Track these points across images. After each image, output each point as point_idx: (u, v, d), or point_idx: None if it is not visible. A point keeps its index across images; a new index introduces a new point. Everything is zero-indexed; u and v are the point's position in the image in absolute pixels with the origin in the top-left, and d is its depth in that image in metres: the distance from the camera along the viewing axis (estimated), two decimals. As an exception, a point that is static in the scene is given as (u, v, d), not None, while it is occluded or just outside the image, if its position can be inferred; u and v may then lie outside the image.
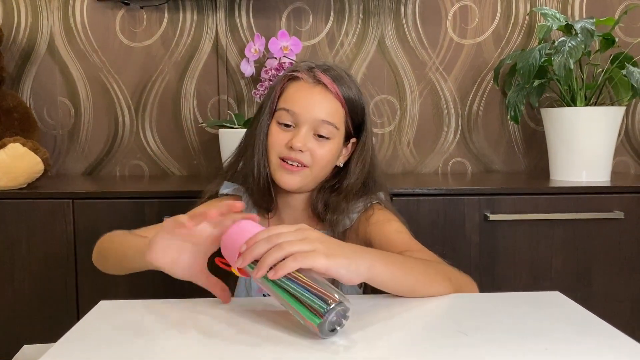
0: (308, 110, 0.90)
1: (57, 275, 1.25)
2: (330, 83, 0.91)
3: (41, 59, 1.62)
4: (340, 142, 0.94)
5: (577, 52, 1.25)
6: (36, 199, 1.25)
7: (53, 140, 1.64)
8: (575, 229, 1.26)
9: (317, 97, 0.91)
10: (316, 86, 0.91)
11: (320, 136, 0.91)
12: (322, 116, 0.90)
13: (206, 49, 1.61)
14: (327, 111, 0.91)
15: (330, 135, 0.91)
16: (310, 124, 0.90)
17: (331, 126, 0.90)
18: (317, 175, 0.93)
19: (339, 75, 0.93)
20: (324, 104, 0.91)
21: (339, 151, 0.94)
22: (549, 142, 1.43)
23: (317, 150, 0.91)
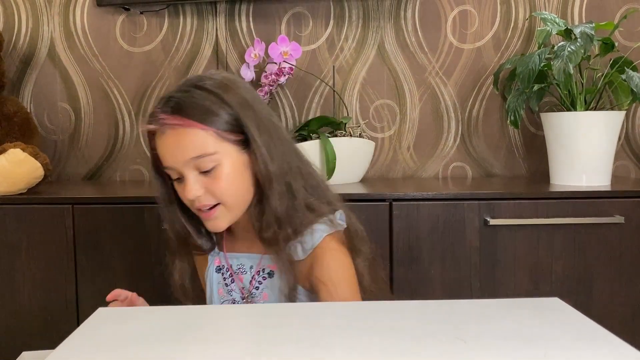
0: (174, 158, 0.83)
1: (56, 281, 1.25)
2: (172, 118, 0.82)
3: (42, 65, 1.62)
4: (233, 158, 0.84)
5: (576, 56, 1.25)
6: (36, 204, 1.25)
7: (53, 145, 1.64)
8: (575, 233, 1.26)
9: (172, 141, 0.82)
10: (166, 130, 0.83)
11: (206, 171, 0.83)
12: (188, 155, 0.82)
13: (206, 54, 1.62)
14: (189, 147, 0.81)
15: (214, 162, 0.82)
16: (186, 168, 0.83)
17: (204, 157, 0.82)
18: (233, 204, 0.85)
19: (180, 99, 0.83)
20: (181, 142, 0.82)
21: (239, 168, 0.84)
22: (548, 147, 1.43)
23: (212, 187, 0.83)
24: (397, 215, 1.24)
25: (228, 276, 0.95)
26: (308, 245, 0.86)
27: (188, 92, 0.84)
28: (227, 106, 0.83)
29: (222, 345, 0.54)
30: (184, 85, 0.86)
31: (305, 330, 0.59)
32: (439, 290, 1.25)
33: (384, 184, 1.47)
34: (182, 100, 0.83)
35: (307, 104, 1.63)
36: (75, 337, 0.57)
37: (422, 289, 1.25)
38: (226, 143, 0.83)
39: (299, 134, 1.46)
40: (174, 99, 0.84)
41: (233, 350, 0.53)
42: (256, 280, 0.92)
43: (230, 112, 0.83)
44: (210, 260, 0.97)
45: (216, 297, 0.95)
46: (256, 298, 0.92)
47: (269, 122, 0.87)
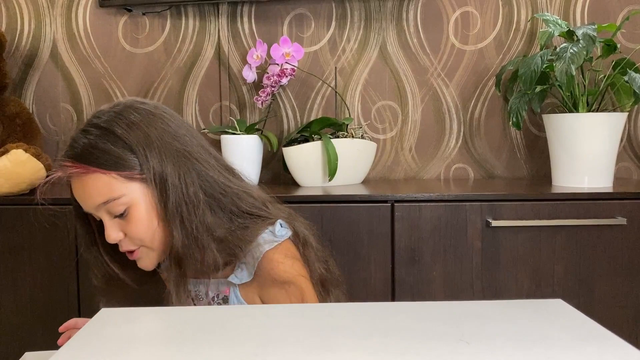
0: (86, 204, 0.83)
1: (58, 282, 1.25)
2: (74, 165, 0.81)
3: (44, 65, 1.63)
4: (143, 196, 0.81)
5: (578, 58, 1.25)
6: (38, 205, 1.25)
7: (55, 146, 1.64)
8: (577, 235, 1.26)
9: (79, 187, 0.82)
10: (73, 177, 0.83)
11: (118, 215, 0.82)
12: (96, 202, 0.81)
13: (208, 55, 1.62)
14: (94, 193, 0.81)
15: (124, 205, 0.81)
16: (101, 213, 0.82)
17: (111, 202, 0.80)
18: (154, 244, 0.84)
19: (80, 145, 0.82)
20: (87, 188, 0.81)
21: (152, 204, 0.82)
22: (550, 148, 1.43)
23: (127, 230, 0.82)
24: (399, 216, 1.24)
25: (190, 302, 0.92)
26: (250, 265, 0.84)
27: (88, 133, 0.82)
28: (126, 146, 0.81)
29: (227, 346, 0.54)
30: (87, 124, 0.84)
31: (306, 331, 0.59)
32: (441, 291, 1.25)
33: (386, 185, 1.47)
34: (82, 145, 0.82)
35: (309, 105, 1.63)
36: (79, 338, 0.57)
37: (424, 290, 1.25)
38: (133, 183, 0.81)
39: (300, 135, 1.46)
40: (76, 144, 0.83)
41: (237, 350, 0.53)
42: (215, 302, 0.90)
43: (129, 152, 0.81)
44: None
45: None
46: None
47: (176, 151, 0.83)
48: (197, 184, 0.83)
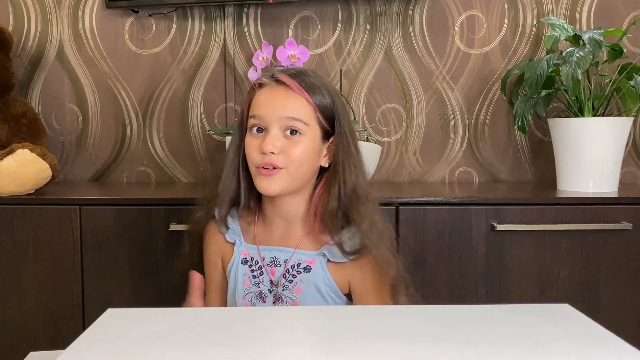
0: (272, 111, 0.90)
1: (63, 282, 1.25)
2: (290, 81, 0.91)
3: (50, 66, 1.63)
4: (315, 138, 0.92)
5: (585, 62, 1.25)
6: (43, 204, 1.25)
7: (61, 146, 1.64)
8: (582, 240, 1.25)
9: (280, 97, 0.91)
10: (277, 86, 0.91)
11: (292, 133, 0.90)
12: (287, 113, 0.90)
13: (214, 56, 1.62)
14: (292, 107, 0.90)
15: (301, 130, 0.90)
16: (277, 124, 0.90)
17: (299, 122, 0.90)
18: (295, 175, 0.91)
19: (300, 71, 0.94)
20: (287, 101, 0.90)
21: (316, 149, 0.93)
22: (556, 153, 1.43)
23: (289, 149, 0.90)
24: (403, 219, 1.24)
25: (257, 268, 0.96)
26: (350, 249, 0.91)
27: (304, 71, 0.95)
28: (330, 96, 0.93)
29: (232, 346, 0.54)
30: (299, 67, 0.98)
31: (314, 334, 0.59)
32: (445, 295, 1.25)
33: (390, 188, 1.47)
34: (302, 73, 0.93)
35: (314, 108, 1.63)
36: (85, 338, 0.57)
37: (428, 293, 1.25)
38: (316, 124, 0.92)
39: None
40: (294, 71, 0.94)
41: (241, 352, 0.53)
42: (290, 274, 0.94)
43: (331, 102, 0.93)
44: (236, 252, 0.98)
45: (240, 289, 0.96)
46: (287, 291, 0.94)
47: (349, 123, 0.96)
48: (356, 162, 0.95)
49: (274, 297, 0.95)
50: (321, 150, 0.94)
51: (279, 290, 0.94)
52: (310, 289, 0.93)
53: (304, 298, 0.93)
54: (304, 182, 0.93)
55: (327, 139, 0.94)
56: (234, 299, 0.97)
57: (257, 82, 0.94)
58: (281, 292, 0.94)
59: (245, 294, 0.96)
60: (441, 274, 1.25)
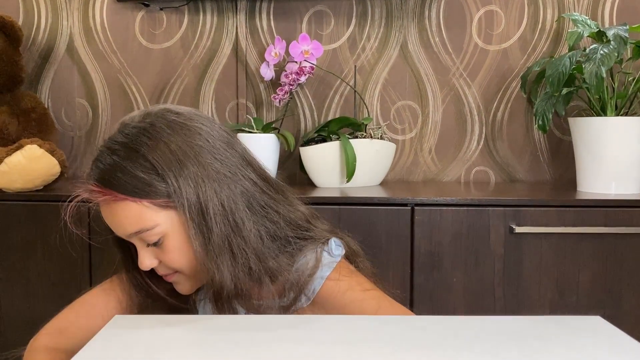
0: (118, 231, 0.76)
1: (71, 280, 1.23)
2: (102, 190, 0.73)
3: (60, 60, 1.61)
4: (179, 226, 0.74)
5: (609, 60, 1.20)
6: (52, 201, 1.23)
7: (70, 141, 1.63)
8: (603, 243, 1.21)
9: (108, 214, 0.75)
10: (102, 203, 0.75)
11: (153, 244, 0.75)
12: (128, 230, 0.74)
13: (226, 51, 1.59)
14: (126, 221, 0.73)
15: (157, 235, 0.73)
16: (134, 241, 0.76)
17: (145, 232, 0.73)
18: (194, 272, 0.77)
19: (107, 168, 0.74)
20: (117, 216, 0.73)
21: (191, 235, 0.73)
22: (576, 153, 1.38)
23: (164, 258, 0.76)
24: (419, 220, 1.21)
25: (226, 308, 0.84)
26: (309, 292, 0.77)
27: (116, 154, 0.73)
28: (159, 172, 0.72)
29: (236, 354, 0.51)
30: (114, 140, 0.75)
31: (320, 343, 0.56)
32: (461, 298, 1.21)
33: (405, 187, 1.44)
34: (109, 168, 0.73)
35: (327, 104, 1.60)
36: (92, 346, 0.54)
37: (443, 297, 1.21)
38: (168, 210, 0.73)
39: (318, 134, 1.43)
40: (101, 165, 0.74)
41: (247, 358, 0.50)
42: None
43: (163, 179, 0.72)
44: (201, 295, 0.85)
45: None
46: None
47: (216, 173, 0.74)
48: (243, 210, 0.74)
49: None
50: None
51: None
52: None
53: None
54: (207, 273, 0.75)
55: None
56: None
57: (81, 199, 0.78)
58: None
59: None
60: (457, 277, 1.22)
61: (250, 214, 0.75)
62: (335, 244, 0.81)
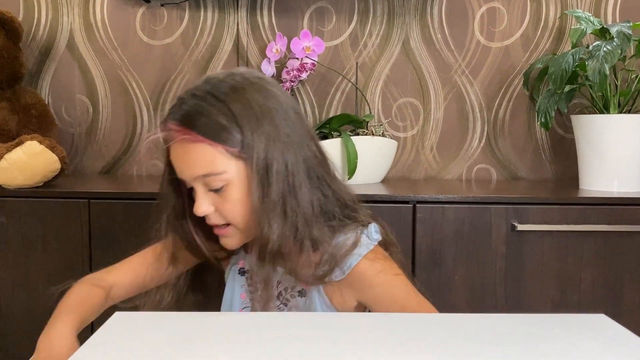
0: (184, 173, 0.77)
1: (71, 277, 1.22)
2: (181, 130, 0.75)
3: (60, 56, 1.60)
4: (244, 178, 0.76)
5: (613, 57, 1.20)
6: (52, 198, 1.23)
7: (71, 138, 1.62)
8: (606, 241, 1.21)
9: (181, 153, 0.77)
10: (175, 142, 0.76)
11: (215, 190, 0.77)
12: (196, 173, 0.76)
13: (227, 48, 1.59)
14: (197, 163, 0.75)
15: (223, 182, 0.76)
16: (197, 184, 0.77)
17: (211, 177, 0.75)
18: (245, 227, 0.78)
19: (191, 109, 0.76)
20: (190, 156, 0.76)
21: (252, 187, 0.76)
22: (579, 150, 1.38)
23: (221, 208, 0.77)
24: (420, 217, 1.20)
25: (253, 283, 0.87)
26: (345, 266, 0.79)
27: (201, 99, 0.76)
28: (238, 122, 0.75)
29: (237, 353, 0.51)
30: (199, 89, 0.78)
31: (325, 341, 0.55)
32: (462, 296, 1.21)
33: (406, 184, 1.43)
34: (192, 110, 0.76)
35: (329, 101, 1.59)
36: (92, 344, 0.54)
37: (445, 294, 1.21)
38: (237, 161, 0.76)
39: (319, 131, 1.43)
40: (185, 106, 0.77)
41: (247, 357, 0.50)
42: (283, 297, 0.85)
43: (238, 129, 0.75)
44: (233, 260, 0.91)
45: (237, 302, 0.90)
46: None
47: (286, 137, 0.77)
48: (302, 176, 0.77)
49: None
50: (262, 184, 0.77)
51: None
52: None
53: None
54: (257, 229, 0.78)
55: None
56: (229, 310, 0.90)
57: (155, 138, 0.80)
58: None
59: (242, 307, 0.89)
60: (459, 275, 1.21)
61: (308, 181, 0.78)
62: (374, 229, 0.83)
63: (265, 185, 0.75)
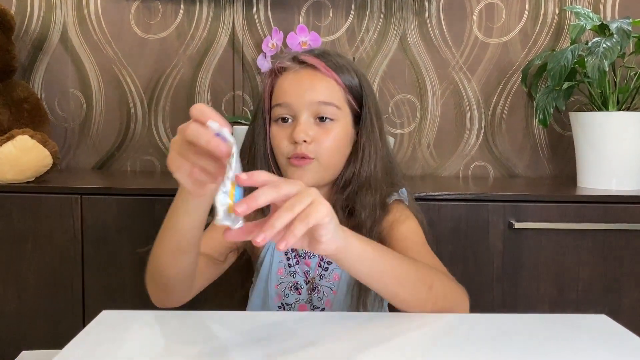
0: (300, 96, 0.84)
1: (63, 274, 1.21)
2: (317, 61, 0.85)
3: (53, 50, 1.58)
4: (347, 124, 0.87)
5: (612, 53, 1.18)
6: (44, 193, 1.21)
7: (64, 132, 1.60)
8: (604, 240, 1.20)
9: (307, 80, 0.85)
10: (303, 69, 0.85)
11: (321, 120, 0.84)
12: (317, 98, 0.84)
13: (222, 42, 1.57)
14: (321, 91, 0.84)
15: (333, 116, 0.84)
16: (307, 110, 0.84)
17: (330, 106, 0.84)
18: (327, 165, 0.85)
19: (324, 51, 0.88)
20: (316, 84, 0.84)
21: (348, 136, 0.87)
22: (577, 148, 1.37)
23: (321, 138, 0.84)
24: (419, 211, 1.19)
25: (292, 257, 0.91)
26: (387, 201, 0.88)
27: (328, 50, 0.89)
28: (358, 76, 0.87)
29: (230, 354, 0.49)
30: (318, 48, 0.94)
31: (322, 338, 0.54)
32: (459, 294, 1.19)
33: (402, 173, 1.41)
34: (327, 52, 0.88)
35: (325, 97, 1.57)
36: (78, 342, 0.52)
37: (441, 293, 1.19)
38: (348, 108, 0.86)
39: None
40: (316, 50, 0.88)
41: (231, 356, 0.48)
42: (325, 262, 0.90)
43: (359, 83, 0.87)
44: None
45: (274, 277, 0.91)
46: (324, 280, 0.89)
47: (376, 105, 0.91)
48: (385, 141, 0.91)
49: (310, 288, 0.90)
50: (352, 137, 0.88)
51: (316, 281, 0.89)
52: (347, 274, 0.88)
53: (342, 284, 0.88)
54: (334, 174, 0.88)
55: (357, 124, 0.89)
56: (265, 286, 0.91)
57: (279, 65, 0.87)
58: (318, 282, 0.90)
59: (279, 282, 0.91)
60: (455, 273, 1.19)
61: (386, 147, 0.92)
62: (405, 191, 0.93)
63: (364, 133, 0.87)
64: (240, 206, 0.50)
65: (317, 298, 0.89)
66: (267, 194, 0.52)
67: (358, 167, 0.87)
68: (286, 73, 0.86)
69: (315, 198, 0.54)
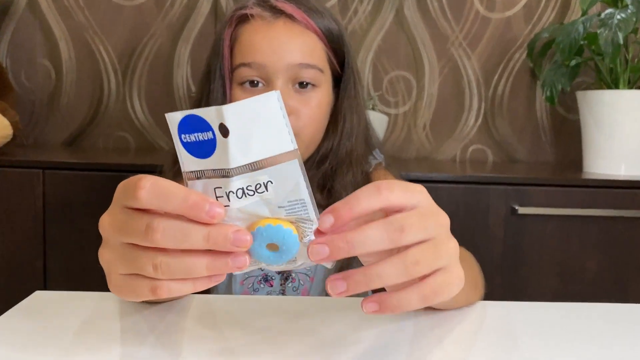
0: (276, 55, 0.68)
1: (23, 255, 1.10)
2: (295, 10, 0.69)
3: (20, 15, 1.46)
4: (329, 89, 0.73)
5: (627, 25, 1.09)
6: (3, 167, 1.10)
7: (31, 105, 1.48)
8: (612, 227, 1.11)
9: (284, 34, 0.68)
10: (277, 20, 0.69)
11: (301, 86, 0.69)
12: (297, 59, 0.68)
13: (204, 10, 1.45)
14: (302, 50, 0.68)
15: (315, 81, 0.70)
16: (284, 74, 0.68)
17: (313, 69, 0.69)
18: (308, 141, 0.72)
19: (309, 2, 0.72)
20: (295, 40, 0.68)
21: (329, 104, 0.74)
22: (583, 130, 1.28)
23: (302, 109, 0.69)
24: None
25: None
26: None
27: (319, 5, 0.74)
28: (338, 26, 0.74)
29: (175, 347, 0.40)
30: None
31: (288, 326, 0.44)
32: (456, 284, 1.10)
33: (396, 164, 1.32)
34: (311, 4, 0.72)
35: (314, 72, 1.47)
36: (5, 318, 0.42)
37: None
38: (329, 69, 0.73)
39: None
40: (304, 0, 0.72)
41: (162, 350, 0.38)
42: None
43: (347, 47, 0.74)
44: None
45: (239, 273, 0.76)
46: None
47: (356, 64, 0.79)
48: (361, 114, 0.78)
49: (283, 278, 0.76)
50: (331, 104, 0.75)
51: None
52: None
53: (319, 269, 0.75)
54: (312, 150, 0.74)
55: (337, 87, 0.75)
56: (228, 284, 0.77)
57: (242, 12, 0.70)
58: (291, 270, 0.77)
59: (244, 278, 0.77)
60: (453, 260, 1.10)
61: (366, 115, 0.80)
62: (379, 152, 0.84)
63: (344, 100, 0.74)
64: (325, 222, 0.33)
65: (292, 288, 0.76)
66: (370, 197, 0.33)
67: (337, 141, 0.74)
68: (253, 22, 0.70)
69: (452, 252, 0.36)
